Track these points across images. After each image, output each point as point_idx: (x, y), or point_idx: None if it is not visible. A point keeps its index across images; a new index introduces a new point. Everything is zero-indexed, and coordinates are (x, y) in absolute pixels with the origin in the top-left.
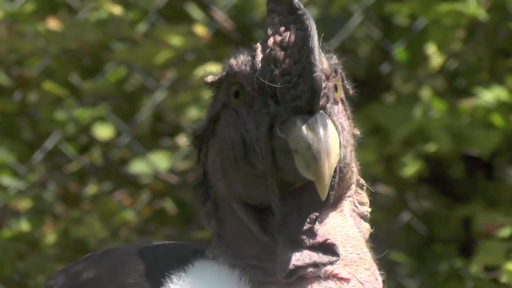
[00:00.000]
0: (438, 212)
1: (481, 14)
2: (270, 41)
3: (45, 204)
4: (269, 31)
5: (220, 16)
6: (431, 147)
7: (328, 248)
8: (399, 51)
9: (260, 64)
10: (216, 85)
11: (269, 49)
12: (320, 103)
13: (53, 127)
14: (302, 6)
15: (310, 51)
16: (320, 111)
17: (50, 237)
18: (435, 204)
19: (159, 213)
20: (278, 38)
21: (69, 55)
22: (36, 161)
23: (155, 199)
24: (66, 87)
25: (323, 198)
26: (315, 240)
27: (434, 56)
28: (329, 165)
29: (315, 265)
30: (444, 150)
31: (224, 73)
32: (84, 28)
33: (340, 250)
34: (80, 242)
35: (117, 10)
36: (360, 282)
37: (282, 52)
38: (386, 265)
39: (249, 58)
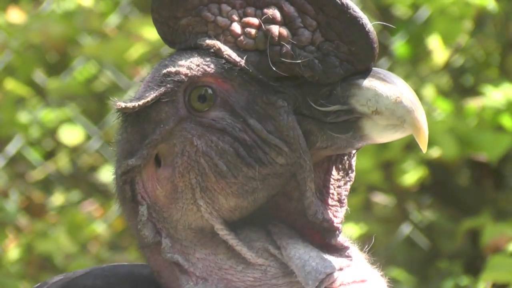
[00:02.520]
0: (442, 224)
1: (490, 4)
2: (237, 27)
3: (6, 216)
4: (233, 17)
5: None
6: (434, 152)
7: (343, 251)
8: (399, 45)
9: (250, 52)
10: (146, 105)
11: (256, 31)
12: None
13: (15, 130)
14: None
15: (342, 5)
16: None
17: (12, 252)
18: (438, 215)
19: None
20: (254, 20)
21: (32, 50)
22: None
23: None
24: (29, 85)
25: (425, 150)
26: (344, 242)
27: (438, 50)
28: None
29: (340, 270)
30: (448, 155)
31: (168, 86)
32: (49, 20)
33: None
34: (45, 258)
35: (86, 0)
36: (375, 281)
37: (283, 28)
38: None
39: (209, 58)
